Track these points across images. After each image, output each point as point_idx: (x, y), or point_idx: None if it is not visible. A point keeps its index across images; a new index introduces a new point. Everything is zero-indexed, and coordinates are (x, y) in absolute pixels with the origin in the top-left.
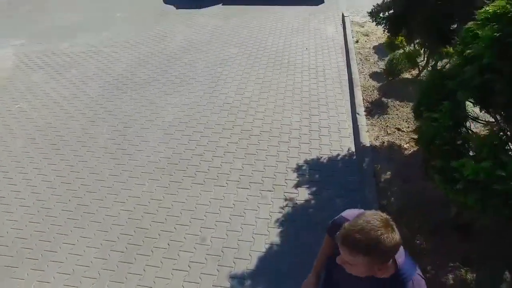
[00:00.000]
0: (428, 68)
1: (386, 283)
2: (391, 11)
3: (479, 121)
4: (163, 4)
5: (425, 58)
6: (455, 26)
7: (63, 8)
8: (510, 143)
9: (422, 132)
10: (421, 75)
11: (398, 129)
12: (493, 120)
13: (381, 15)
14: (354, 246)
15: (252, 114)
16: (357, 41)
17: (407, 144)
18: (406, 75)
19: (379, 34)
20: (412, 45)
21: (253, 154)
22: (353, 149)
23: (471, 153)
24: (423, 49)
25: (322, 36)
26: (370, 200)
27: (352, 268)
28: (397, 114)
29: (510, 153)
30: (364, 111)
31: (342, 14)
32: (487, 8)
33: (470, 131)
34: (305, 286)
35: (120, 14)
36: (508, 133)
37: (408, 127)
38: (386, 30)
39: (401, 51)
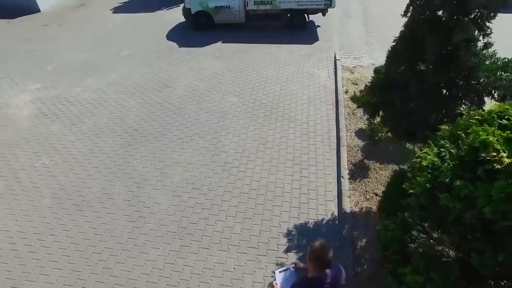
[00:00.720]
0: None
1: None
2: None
3: (427, 236)
4: (166, 40)
5: None
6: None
7: (71, 46)
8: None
9: (380, 238)
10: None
11: (376, 194)
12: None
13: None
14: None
15: (249, 175)
16: (346, 91)
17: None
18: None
19: (367, 81)
20: None
21: (250, 219)
22: (336, 213)
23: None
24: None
25: (315, 83)
26: (347, 266)
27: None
28: (376, 178)
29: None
30: (348, 173)
31: (335, 57)
32: (422, 161)
33: (417, 244)
34: None
35: (125, 52)
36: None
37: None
38: (366, 114)
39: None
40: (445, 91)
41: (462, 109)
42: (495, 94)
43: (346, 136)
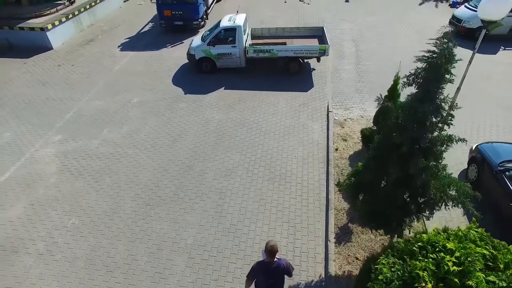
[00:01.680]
0: None
1: (280, 266)
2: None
3: None
4: (172, 85)
5: None
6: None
7: (84, 91)
8: None
9: None
10: None
11: (357, 258)
12: None
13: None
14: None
15: (251, 238)
16: (336, 149)
17: None
18: None
19: (356, 138)
20: None
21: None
22: (323, 275)
23: None
24: None
25: (309, 138)
26: None
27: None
28: (357, 242)
29: None
30: (334, 237)
31: (327, 109)
32: (378, 275)
33: None
34: None
35: (135, 99)
36: None
37: (364, 255)
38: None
39: None
40: (403, 201)
41: (417, 217)
42: (445, 208)
43: (334, 198)
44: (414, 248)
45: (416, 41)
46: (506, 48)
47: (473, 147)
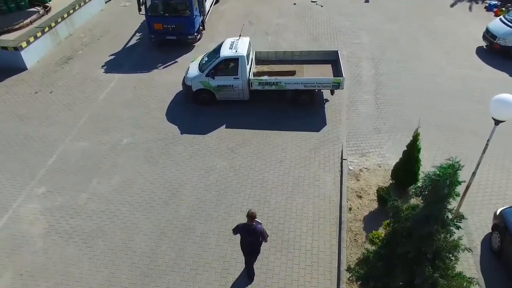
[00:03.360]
0: None
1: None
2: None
3: None
4: (166, 121)
5: None
6: None
7: (67, 129)
8: None
9: None
10: None
11: None
12: None
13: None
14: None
15: None
16: (350, 209)
17: None
18: None
19: (371, 194)
20: None
21: None
22: None
23: None
24: None
25: (320, 194)
26: None
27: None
28: None
29: None
30: None
31: (341, 156)
32: None
33: None
34: None
35: (125, 140)
36: None
37: None
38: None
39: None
40: None
41: None
42: None
43: (346, 272)
44: None
45: (444, 64)
46: None
47: (497, 212)
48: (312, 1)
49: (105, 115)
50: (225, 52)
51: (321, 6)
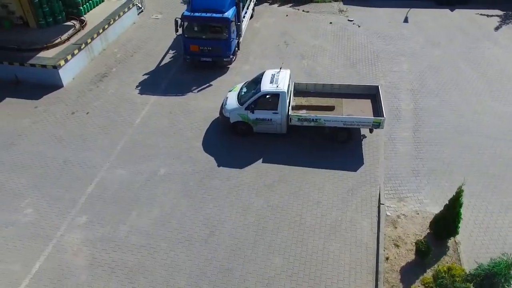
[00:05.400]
0: None
1: None
2: None
3: None
4: (202, 151)
5: None
6: None
7: (105, 155)
8: None
9: None
10: None
11: None
12: None
13: None
14: None
15: None
16: (387, 258)
17: None
18: None
19: (409, 243)
20: None
21: None
22: None
23: None
24: None
25: (357, 240)
26: None
27: None
28: None
29: None
30: None
31: (379, 200)
32: None
33: None
34: None
35: (162, 170)
36: None
37: None
38: None
39: None
40: None
41: None
42: None
43: None
44: None
45: (487, 98)
46: None
47: None
48: (348, 20)
49: (142, 142)
50: (266, 86)
51: (358, 26)
